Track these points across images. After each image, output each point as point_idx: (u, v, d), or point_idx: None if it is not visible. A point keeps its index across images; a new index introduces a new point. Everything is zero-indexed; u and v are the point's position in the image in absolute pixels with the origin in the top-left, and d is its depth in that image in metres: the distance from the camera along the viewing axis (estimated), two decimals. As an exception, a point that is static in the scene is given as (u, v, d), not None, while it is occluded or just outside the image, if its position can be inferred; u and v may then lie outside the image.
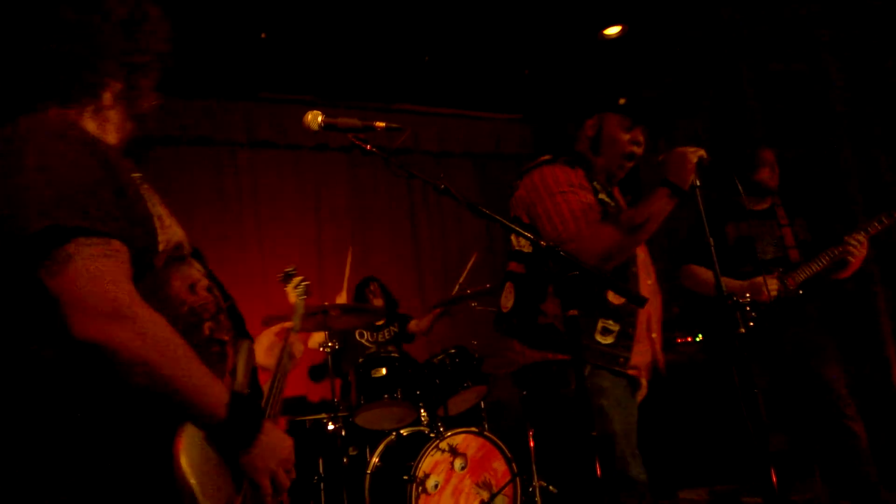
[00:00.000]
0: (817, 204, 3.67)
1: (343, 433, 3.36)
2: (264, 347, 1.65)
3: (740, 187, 2.03)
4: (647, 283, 2.03)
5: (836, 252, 2.96)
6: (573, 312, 1.45)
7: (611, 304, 1.90)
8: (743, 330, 1.78)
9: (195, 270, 1.25)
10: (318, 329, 3.54)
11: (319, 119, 1.61)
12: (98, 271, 0.98)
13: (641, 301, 1.60)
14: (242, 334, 1.32)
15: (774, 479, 1.87)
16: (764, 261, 3.07)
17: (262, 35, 4.05)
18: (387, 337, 4.36)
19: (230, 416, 1.08)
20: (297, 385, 4.61)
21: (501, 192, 5.97)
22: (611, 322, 1.89)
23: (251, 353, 1.33)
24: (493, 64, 4.86)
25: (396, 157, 1.59)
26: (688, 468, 4.05)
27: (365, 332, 4.33)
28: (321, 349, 3.45)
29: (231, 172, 4.79)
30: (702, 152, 1.82)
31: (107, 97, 1.20)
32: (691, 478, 4.11)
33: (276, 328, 1.71)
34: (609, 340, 1.88)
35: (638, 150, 2.05)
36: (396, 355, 3.62)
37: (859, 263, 2.99)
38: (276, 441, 1.17)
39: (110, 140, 1.22)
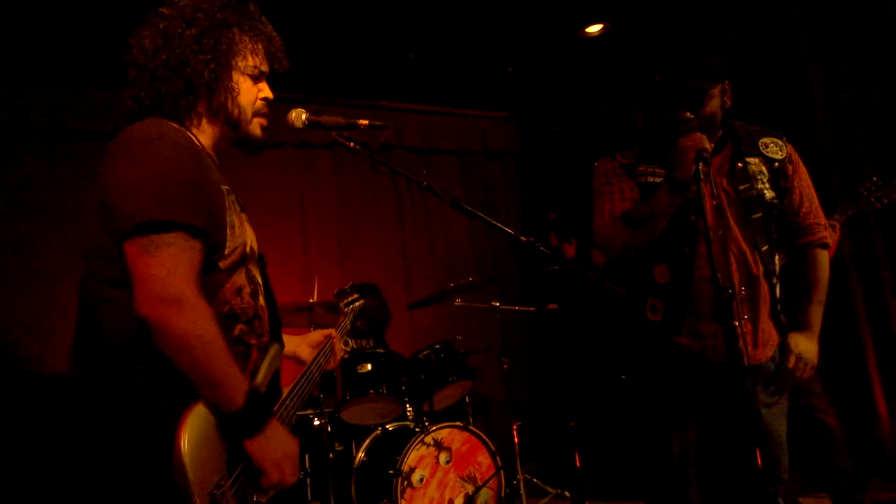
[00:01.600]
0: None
1: (329, 429, 3.39)
2: (309, 342, 1.76)
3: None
4: (721, 260, 1.88)
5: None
6: (552, 306, 1.49)
7: (656, 282, 1.91)
8: (736, 323, 1.76)
9: (248, 277, 1.41)
10: (304, 325, 3.55)
11: (303, 117, 1.64)
12: (175, 262, 1.19)
13: (622, 292, 1.63)
14: (275, 338, 1.47)
15: (760, 462, 1.91)
16: None
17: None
18: (362, 345, 4.25)
19: (245, 406, 1.24)
20: (284, 380, 4.62)
21: (488, 189, 6.07)
22: (657, 300, 1.90)
23: (277, 357, 1.46)
24: (477, 61, 4.89)
25: (380, 154, 1.62)
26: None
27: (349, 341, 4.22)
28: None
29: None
30: (702, 143, 1.81)
31: (202, 113, 1.44)
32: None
33: (324, 333, 1.82)
34: (657, 318, 1.90)
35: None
36: (382, 350, 3.64)
37: (833, 249, 2.85)
38: (282, 437, 1.32)
39: (209, 149, 1.46)
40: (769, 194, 1.98)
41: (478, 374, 3.90)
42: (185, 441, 1.15)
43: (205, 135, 1.45)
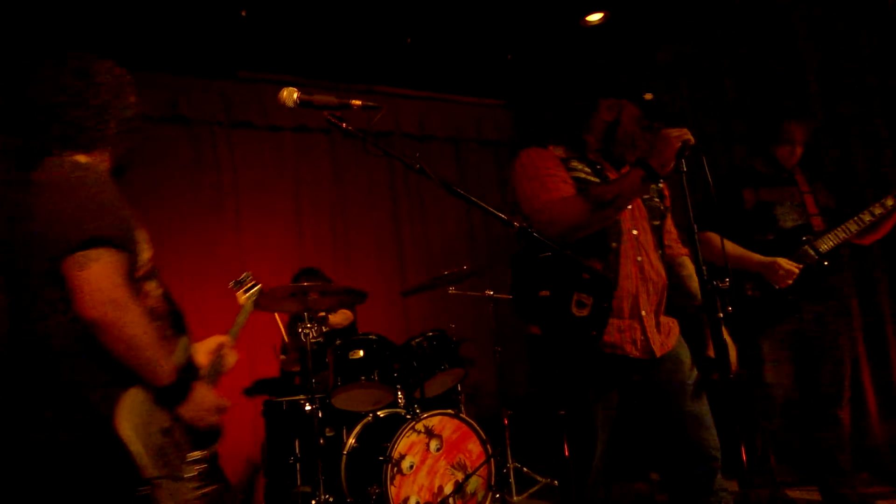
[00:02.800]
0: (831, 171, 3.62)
1: (320, 414, 3.37)
2: (205, 349, 1.93)
3: (710, 179, 1.89)
4: (637, 260, 2.01)
5: (866, 217, 2.81)
6: (544, 293, 1.48)
7: (584, 278, 1.91)
8: (721, 315, 1.77)
9: (155, 283, 1.69)
10: (290, 310, 3.52)
11: (295, 96, 1.60)
12: (108, 272, 1.46)
13: (608, 283, 1.62)
14: (181, 331, 1.72)
15: (745, 458, 1.92)
16: (784, 229, 2.94)
17: (243, 13, 3.99)
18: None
19: (175, 381, 1.55)
20: (276, 366, 4.61)
21: (482, 176, 6.05)
22: (584, 296, 1.91)
23: (187, 348, 1.73)
24: (475, 48, 4.85)
25: (374, 137, 1.59)
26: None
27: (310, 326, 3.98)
28: (301, 331, 3.44)
29: (209, 152, 4.73)
30: (688, 136, 1.80)
31: (106, 145, 1.66)
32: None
33: (216, 341, 1.98)
34: (584, 313, 1.91)
35: (643, 148, 2.03)
36: (374, 337, 3.62)
37: (889, 228, 2.90)
38: (204, 394, 1.64)
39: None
40: (662, 207, 2.18)
41: (470, 362, 3.90)
42: (123, 417, 1.44)
43: (105, 164, 1.68)
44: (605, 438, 2.01)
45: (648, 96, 1.99)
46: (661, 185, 2.19)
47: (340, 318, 4.25)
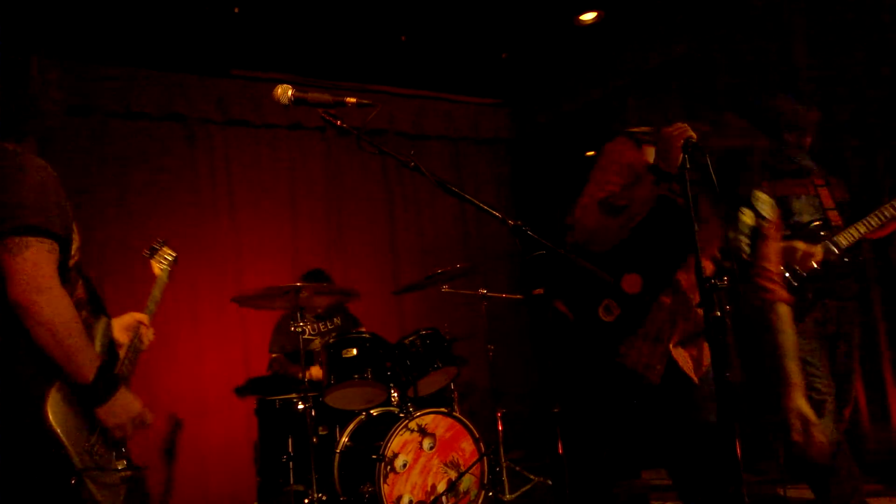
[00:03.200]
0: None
1: (313, 413, 3.37)
2: (123, 325, 2.02)
3: (714, 177, 1.80)
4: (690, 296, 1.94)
5: (887, 212, 2.67)
6: (538, 291, 1.48)
7: (623, 289, 1.90)
8: (718, 313, 1.75)
9: (81, 272, 1.75)
10: (286, 307, 3.51)
11: (290, 93, 1.60)
12: (40, 260, 1.51)
13: (608, 279, 1.61)
14: (101, 312, 1.79)
15: (739, 454, 1.92)
16: (801, 223, 2.77)
17: (236, 10, 3.98)
18: (329, 327, 4.18)
19: (95, 379, 1.57)
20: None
21: (478, 175, 6.05)
22: (614, 303, 1.90)
23: (108, 329, 1.80)
24: (470, 47, 4.85)
25: (368, 135, 1.59)
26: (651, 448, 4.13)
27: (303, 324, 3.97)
28: (293, 329, 3.43)
29: (204, 150, 4.71)
30: (689, 132, 1.79)
31: (35, 135, 1.73)
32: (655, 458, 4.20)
33: (134, 317, 2.05)
34: (609, 319, 1.90)
35: None
36: (367, 335, 3.62)
37: None
38: (126, 401, 1.67)
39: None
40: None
41: (463, 360, 3.90)
42: (51, 414, 1.51)
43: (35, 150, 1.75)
44: (614, 440, 2.01)
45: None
46: None
47: None
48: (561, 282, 1.92)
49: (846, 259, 2.72)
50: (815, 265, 2.64)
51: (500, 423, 3.77)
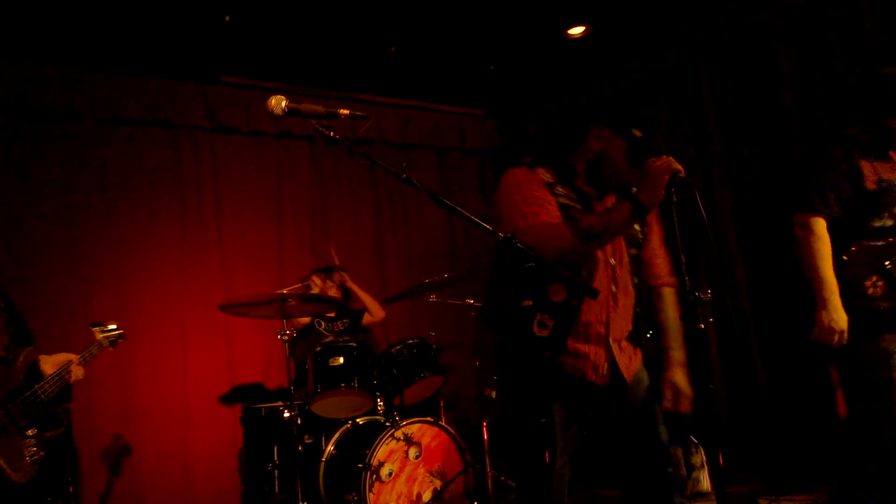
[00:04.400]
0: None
1: (299, 421, 3.37)
2: (53, 361, 2.37)
3: (703, 211, 1.83)
4: (612, 289, 2.00)
5: None
6: (527, 303, 1.50)
7: (550, 300, 1.93)
8: (702, 326, 1.77)
9: None
10: (276, 316, 3.52)
11: (283, 104, 1.61)
12: None
13: (594, 293, 1.64)
14: (26, 343, 2.23)
15: (722, 462, 1.95)
16: None
17: (226, 18, 3.98)
18: (340, 328, 4.37)
19: None
20: (255, 372, 4.58)
21: (464, 185, 6.08)
22: (547, 317, 1.93)
23: (31, 355, 2.23)
24: (459, 58, 4.89)
25: (357, 144, 1.61)
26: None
27: (322, 322, 4.34)
28: (279, 337, 3.43)
29: (191, 157, 4.70)
30: (675, 166, 1.79)
31: None
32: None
33: (66, 358, 2.43)
34: (544, 333, 1.93)
35: (631, 182, 2.01)
36: (354, 344, 3.63)
37: None
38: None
39: None
40: (640, 236, 2.11)
41: (450, 370, 3.91)
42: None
43: None
44: (570, 449, 2.01)
45: (637, 133, 1.96)
46: None
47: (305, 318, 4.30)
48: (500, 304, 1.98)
49: None
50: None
51: (485, 432, 3.78)
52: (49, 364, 2.33)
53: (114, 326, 3.00)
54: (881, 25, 3.57)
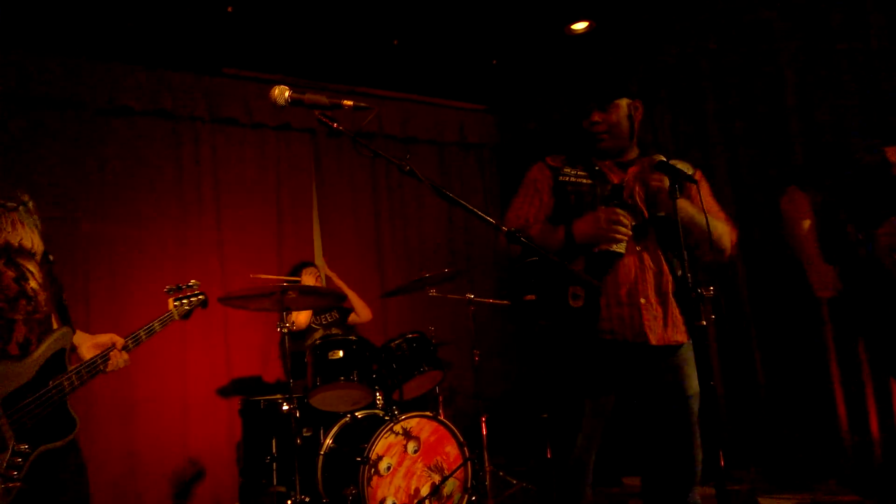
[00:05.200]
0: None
1: (297, 414, 3.36)
2: (95, 343, 1.91)
3: (703, 208, 1.97)
4: (637, 249, 2.08)
5: None
6: (530, 297, 1.50)
7: (574, 272, 2.02)
8: (704, 322, 1.78)
9: (9, 264, 1.70)
10: (275, 309, 3.51)
11: (287, 94, 1.60)
12: None
13: (592, 286, 1.65)
14: (66, 322, 1.81)
15: (722, 462, 1.95)
16: None
17: (229, 9, 3.96)
18: (329, 320, 4.37)
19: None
20: (253, 365, 4.58)
21: (465, 180, 6.07)
22: (578, 288, 2.01)
23: (62, 339, 1.77)
24: (461, 53, 4.87)
25: (361, 138, 1.60)
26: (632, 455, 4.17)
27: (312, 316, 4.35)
28: (279, 329, 3.42)
29: (191, 148, 4.68)
30: (624, 223, 1.93)
31: None
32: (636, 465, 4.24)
33: (110, 339, 1.93)
34: (579, 304, 1.97)
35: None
36: (353, 338, 3.62)
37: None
38: None
39: None
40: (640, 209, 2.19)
41: (449, 365, 3.91)
42: None
43: None
44: (595, 442, 2.06)
45: (659, 157, 2.02)
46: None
47: (304, 318, 4.30)
48: (531, 283, 2.05)
49: None
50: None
51: (484, 427, 3.78)
52: (87, 346, 1.88)
53: (194, 283, 2.40)
54: (885, 25, 3.56)
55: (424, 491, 3.39)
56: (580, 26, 4.60)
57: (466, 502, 3.48)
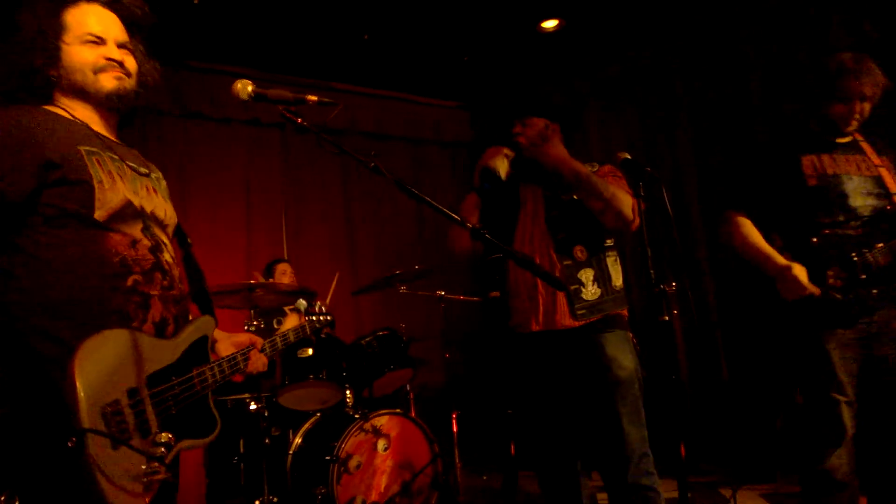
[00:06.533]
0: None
1: (266, 413, 3.32)
2: (234, 342, 1.71)
3: (668, 205, 1.95)
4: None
5: None
6: (495, 294, 1.50)
7: (536, 266, 2.05)
8: (667, 318, 1.80)
9: (146, 232, 1.51)
10: (244, 307, 3.47)
11: (249, 89, 1.57)
12: None
13: (560, 284, 1.66)
14: (207, 311, 1.64)
15: (683, 454, 1.98)
16: (854, 208, 2.31)
17: (195, 0, 3.89)
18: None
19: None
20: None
21: (439, 177, 6.06)
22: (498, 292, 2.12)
23: (205, 326, 1.58)
24: (433, 49, 4.86)
25: (329, 134, 1.57)
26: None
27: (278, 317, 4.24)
28: (245, 328, 3.38)
29: (156, 142, 4.60)
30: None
31: (61, 94, 1.56)
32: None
33: (249, 339, 1.75)
34: (497, 294, 2.09)
35: None
36: (323, 336, 3.59)
37: None
38: None
39: (94, 122, 1.58)
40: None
41: (419, 362, 3.90)
42: (82, 353, 1.24)
43: (75, 106, 1.57)
44: (555, 429, 2.12)
45: (624, 155, 2.03)
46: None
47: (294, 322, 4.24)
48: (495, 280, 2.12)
49: None
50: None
51: (454, 424, 3.78)
52: (225, 343, 1.69)
53: (322, 307, 2.34)
54: (849, 27, 3.64)
55: (395, 488, 3.37)
56: (551, 24, 4.62)
57: (437, 499, 3.48)
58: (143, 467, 1.26)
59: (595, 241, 2.18)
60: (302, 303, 2.33)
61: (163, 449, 1.28)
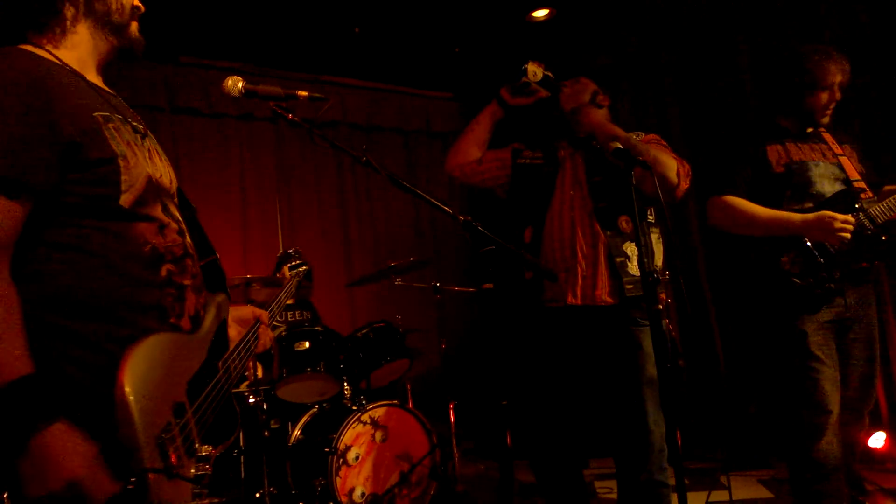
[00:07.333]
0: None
1: (264, 406, 3.34)
2: (236, 318, 1.51)
3: (660, 193, 1.92)
4: (571, 216, 2.19)
5: None
6: (488, 286, 1.52)
7: (525, 241, 2.14)
8: (660, 306, 1.81)
9: (167, 213, 1.27)
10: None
11: (240, 85, 1.58)
12: None
13: (551, 275, 1.67)
14: (220, 289, 1.42)
15: (680, 441, 2.01)
16: (822, 193, 2.36)
17: (185, -4, 3.89)
18: (297, 318, 4.28)
19: (4, 393, 0.98)
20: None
21: (430, 169, 6.06)
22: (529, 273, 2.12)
23: (222, 308, 1.37)
24: (423, 40, 4.85)
25: (321, 128, 1.59)
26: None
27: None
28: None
29: (150, 139, 4.59)
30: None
31: (69, 17, 1.25)
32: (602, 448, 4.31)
33: (251, 312, 1.55)
34: (529, 276, 2.07)
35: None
36: (320, 329, 3.61)
37: None
38: (53, 454, 0.98)
39: (86, 68, 1.28)
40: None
41: (416, 353, 3.92)
42: (130, 374, 1.02)
43: (78, 49, 1.27)
44: (563, 417, 2.13)
45: (615, 145, 1.99)
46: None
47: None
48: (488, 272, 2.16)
49: (884, 237, 2.30)
50: (848, 240, 2.25)
51: (452, 414, 3.81)
52: (233, 324, 1.45)
53: (295, 251, 2.17)
54: (839, 17, 3.65)
55: (393, 479, 3.40)
56: (541, 13, 4.62)
57: (435, 489, 3.51)
58: (193, 489, 1.12)
59: (640, 212, 2.02)
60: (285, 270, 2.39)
61: (207, 466, 1.15)
